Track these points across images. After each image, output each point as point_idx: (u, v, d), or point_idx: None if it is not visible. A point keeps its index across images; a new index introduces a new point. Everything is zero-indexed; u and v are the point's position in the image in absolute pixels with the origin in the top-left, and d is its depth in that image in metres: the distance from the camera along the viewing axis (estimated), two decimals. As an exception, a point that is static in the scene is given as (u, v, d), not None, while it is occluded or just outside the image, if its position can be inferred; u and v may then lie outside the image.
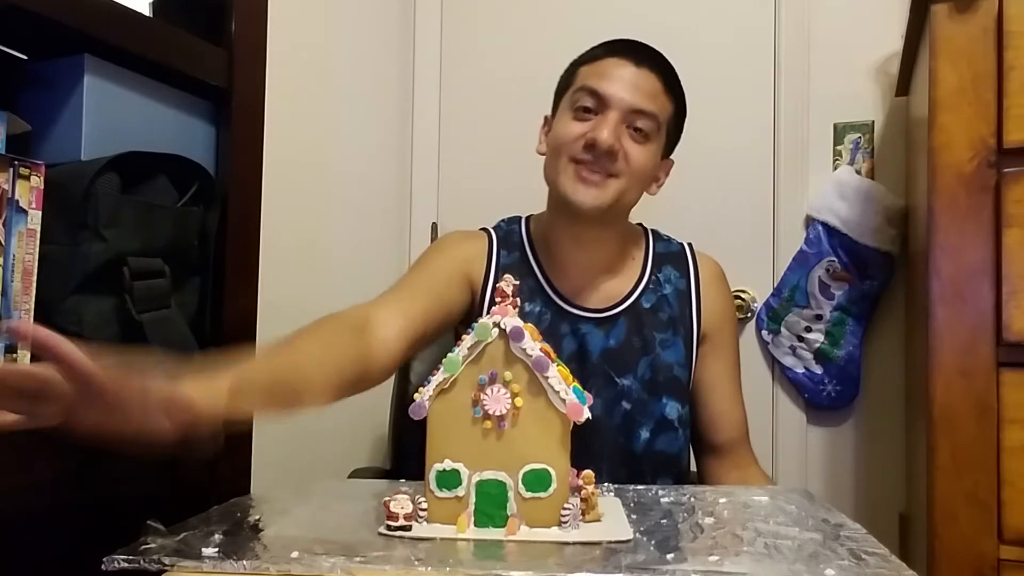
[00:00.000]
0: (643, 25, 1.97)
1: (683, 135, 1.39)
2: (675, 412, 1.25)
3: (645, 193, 1.29)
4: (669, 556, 0.69)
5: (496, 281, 1.26)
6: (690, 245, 1.38)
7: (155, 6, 1.04)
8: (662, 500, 0.94)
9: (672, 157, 1.34)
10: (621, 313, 1.27)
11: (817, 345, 1.79)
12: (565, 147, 1.21)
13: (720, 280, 1.36)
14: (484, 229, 1.36)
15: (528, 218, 1.37)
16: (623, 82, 1.20)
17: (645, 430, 1.22)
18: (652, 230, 1.39)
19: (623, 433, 1.21)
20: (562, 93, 1.28)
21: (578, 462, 0.81)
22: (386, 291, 1.23)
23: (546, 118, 1.32)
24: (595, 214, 1.21)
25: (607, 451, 1.18)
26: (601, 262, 1.29)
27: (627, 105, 1.19)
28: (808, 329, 1.80)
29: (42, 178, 0.79)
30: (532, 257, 1.32)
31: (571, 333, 1.24)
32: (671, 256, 1.35)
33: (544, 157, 1.28)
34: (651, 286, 1.30)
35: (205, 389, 0.73)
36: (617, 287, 1.30)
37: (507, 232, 1.35)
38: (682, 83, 1.29)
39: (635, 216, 1.45)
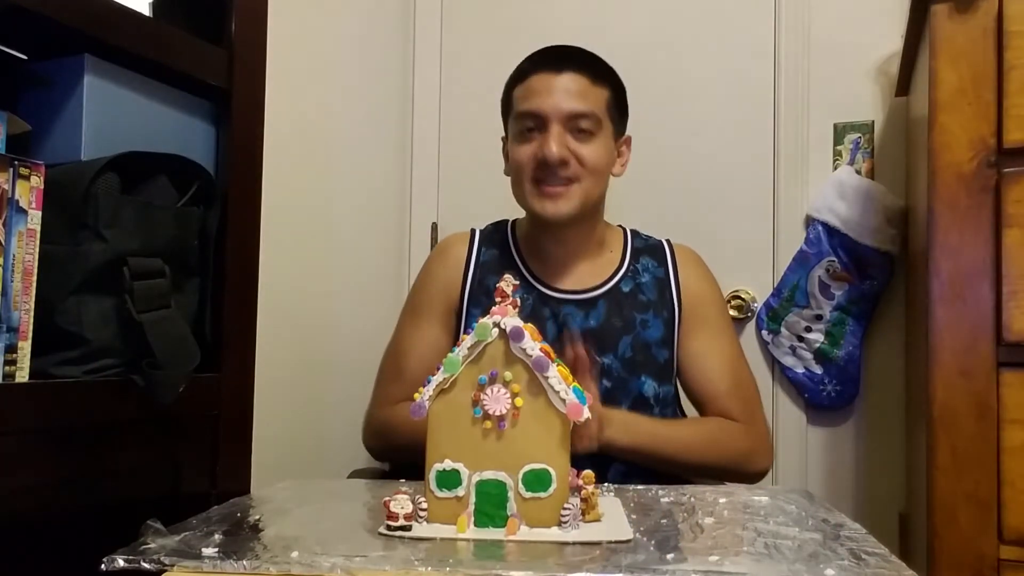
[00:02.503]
0: (644, 26, 1.98)
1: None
2: (652, 390, 1.30)
3: (613, 176, 1.36)
4: (669, 556, 0.69)
5: (475, 276, 1.36)
6: (668, 241, 1.43)
7: (155, 6, 1.03)
8: (662, 500, 0.94)
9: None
10: (601, 296, 1.33)
11: (817, 345, 1.79)
12: (522, 171, 1.30)
13: (697, 264, 1.41)
14: (473, 229, 1.44)
15: (515, 220, 1.45)
16: (551, 94, 1.27)
17: (623, 407, 1.26)
18: (632, 230, 1.45)
19: None
20: (507, 115, 1.37)
21: None
22: (385, 373, 1.38)
23: (503, 139, 1.40)
24: (567, 221, 1.29)
25: None
26: (579, 252, 1.36)
27: (562, 114, 1.27)
28: (808, 329, 1.80)
29: (42, 178, 0.79)
30: (514, 249, 1.40)
31: (552, 317, 1.30)
32: (649, 249, 1.41)
33: (510, 178, 1.36)
34: (629, 273, 1.36)
35: None
36: (596, 273, 1.35)
37: (492, 231, 1.44)
38: (612, 67, 1.35)
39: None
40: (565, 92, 1.27)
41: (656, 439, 1.23)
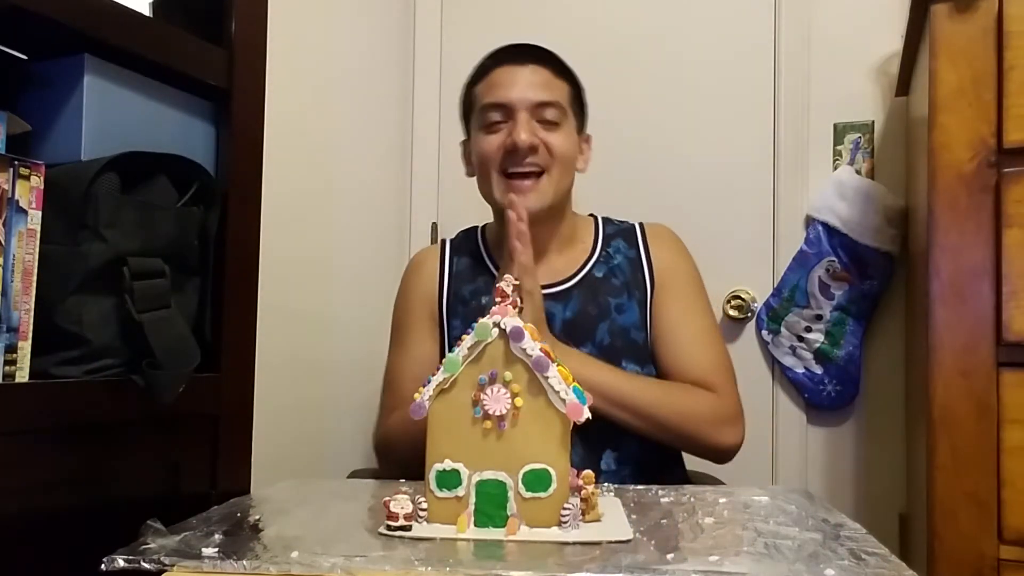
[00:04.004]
0: (644, 26, 1.98)
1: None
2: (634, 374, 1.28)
3: (577, 172, 1.35)
4: (669, 556, 0.69)
5: (450, 287, 1.37)
6: (641, 224, 1.42)
7: (155, 6, 1.03)
8: (662, 500, 0.94)
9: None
10: (575, 286, 1.32)
11: (817, 345, 1.79)
12: (490, 162, 1.29)
13: (669, 239, 1.39)
14: (443, 240, 1.44)
15: (485, 225, 1.44)
16: (517, 84, 1.28)
17: None
18: (603, 217, 1.44)
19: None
20: (468, 116, 1.37)
21: None
22: (384, 397, 1.37)
23: (463, 143, 1.39)
24: (538, 216, 1.27)
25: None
26: (550, 247, 1.35)
27: (529, 102, 1.27)
28: (808, 329, 1.80)
29: (42, 178, 0.79)
30: (486, 255, 1.39)
31: None
32: (621, 232, 1.40)
33: (475, 179, 1.34)
34: (602, 259, 1.36)
35: None
36: (568, 263, 1.35)
37: (463, 239, 1.44)
38: (569, 65, 1.35)
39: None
40: (530, 83, 1.28)
41: (613, 380, 1.20)
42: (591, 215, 1.43)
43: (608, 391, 1.18)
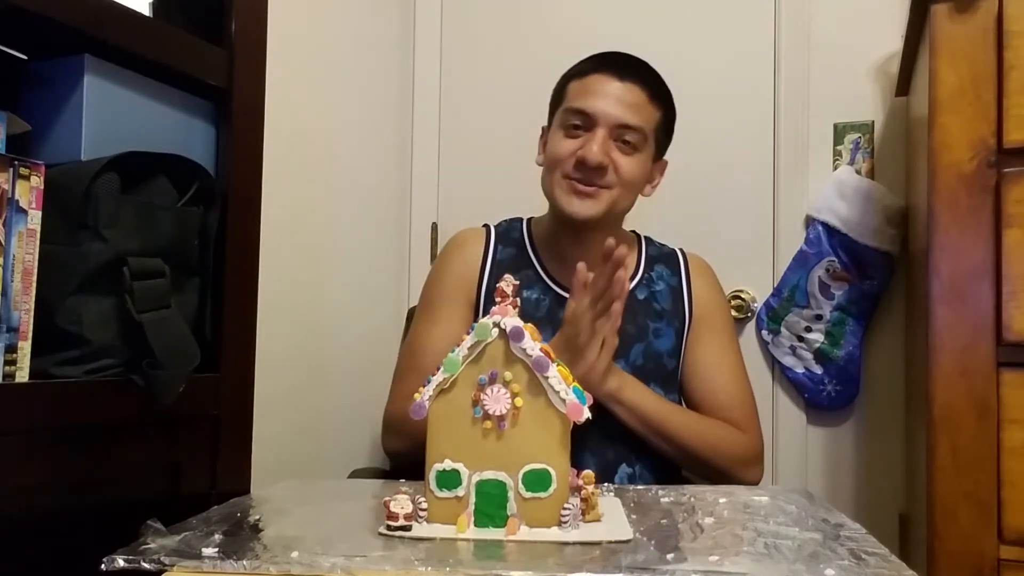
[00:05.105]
0: (643, 26, 1.98)
1: (684, 135, 1.39)
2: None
3: (640, 195, 1.35)
4: (669, 556, 0.69)
5: (492, 274, 1.35)
6: (681, 250, 1.44)
7: (155, 6, 1.03)
8: (662, 500, 0.95)
9: (666, 157, 1.39)
10: None
11: (817, 345, 1.79)
12: (558, 164, 1.29)
13: (709, 274, 1.43)
14: (485, 225, 1.43)
15: (530, 219, 1.44)
16: (608, 98, 1.26)
17: None
18: (645, 237, 1.46)
19: (610, 414, 1.24)
20: (556, 106, 1.35)
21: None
22: (402, 370, 1.36)
23: (544, 129, 1.39)
24: (590, 223, 1.28)
25: (595, 432, 1.21)
26: (597, 257, 1.33)
27: (613, 121, 1.26)
28: (808, 329, 1.80)
29: (42, 178, 0.79)
30: (531, 250, 1.39)
31: None
32: (663, 257, 1.42)
33: (542, 168, 1.34)
34: (644, 281, 1.37)
35: None
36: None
37: (507, 229, 1.42)
38: (669, 88, 1.34)
39: (637, 216, 1.46)
40: (620, 101, 1.26)
41: (659, 409, 1.24)
42: (633, 231, 1.45)
43: (652, 418, 1.23)
